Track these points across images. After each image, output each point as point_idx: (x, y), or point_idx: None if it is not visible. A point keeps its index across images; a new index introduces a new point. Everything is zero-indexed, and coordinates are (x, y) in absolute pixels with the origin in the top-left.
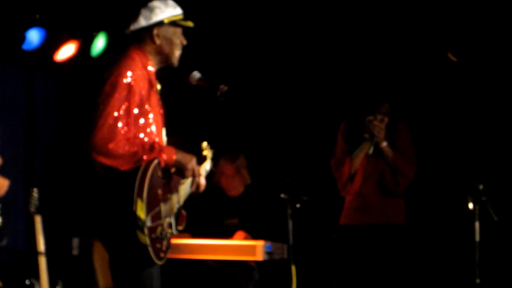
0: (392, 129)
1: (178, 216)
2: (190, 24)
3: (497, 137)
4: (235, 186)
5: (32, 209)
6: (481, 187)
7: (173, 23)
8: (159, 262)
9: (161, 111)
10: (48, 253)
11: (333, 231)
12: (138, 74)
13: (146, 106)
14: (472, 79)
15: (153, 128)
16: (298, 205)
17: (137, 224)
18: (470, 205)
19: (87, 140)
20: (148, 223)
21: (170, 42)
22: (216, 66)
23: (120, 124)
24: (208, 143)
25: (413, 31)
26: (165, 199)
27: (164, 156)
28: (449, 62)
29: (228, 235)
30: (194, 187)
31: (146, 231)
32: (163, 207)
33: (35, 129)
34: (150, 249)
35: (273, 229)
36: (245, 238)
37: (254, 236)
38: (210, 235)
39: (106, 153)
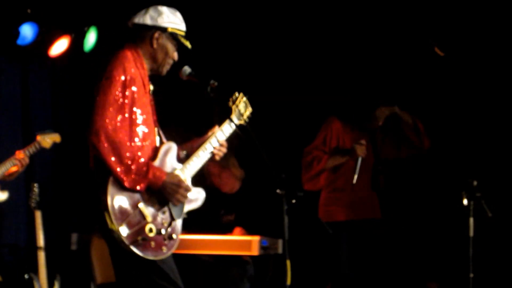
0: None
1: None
2: (187, 43)
3: (491, 134)
4: (226, 182)
5: (33, 204)
6: (475, 183)
7: (174, 35)
8: (161, 257)
9: (154, 111)
10: (47, 248)
11: (328, 226)
12: (133, 72)
13: (139, 104)
14: (464, 75)
15: (144, 128)
16: (293, 201)
17: (114, 237)
18: (465, 201)
19: (87, 129)
20: (124, 231)
21: (165, 52)
22: (210, 62)
23: (117, 117)
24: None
25: (400, 27)
26: (146, 196)
27: (151, 178)
28: (437, 57)
29: (225, 231)
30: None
31: (125, 240)
32: (145, 206)
33: (31, 123)
34: (139, 253)
35: (268, 225)
36: (243, 235)
37: (250, 231)
38: (207, 231)
39: (110, 140)
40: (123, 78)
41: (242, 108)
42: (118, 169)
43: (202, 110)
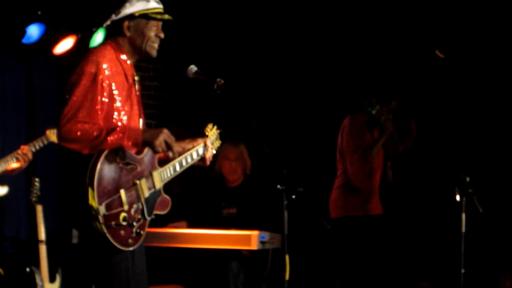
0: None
1: (154, 201)
2: (163, 17)
3: (484, 131)
4: (236, 172)
5: (34, 198)
6: (468, 179)
7: (145, 16)
8: (126, 249)
9: (140, 102)
10: (49, 241)
11: (327, 222)
12: (107, 65)
13: (117, 97)
14: (458, 74)
15: (124, 118)
16: (293, 196)
17: (91, 213)
18: (457, 197)
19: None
20: (102, 211)
21: (142, 35)
22: (214, 59)
23: (82, 112)
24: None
25: (402, 29)
26: (128, 185)
27: (128, 137)
28: (436, 58)
29: (226, 224)
30: (175, 155)
31: (101, 219)
32: (125, 194)
33: (36, 121)
34: (109, 237)
35: (268, 219)
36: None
37: (250, 225)
38: (208, 224)
39: (64, 136)
40: (93, 72)
41: (213, 139)
42: (91, 145)
43: (208, 108)
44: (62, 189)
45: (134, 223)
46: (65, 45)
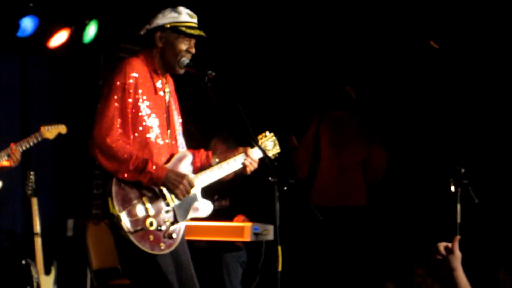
0: None
1: (188, 206)
2: (193, 32)
3: (478, 123)
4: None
5: (29, 191)
6: (462, 170)
7: (174, 29)
8: (158, 252)
9: (171, 113)
10: (44, 234)
11: (319, 213)
12: (136, 76)
13: (143, 108)
14: (453, 66)
15: (151, 130)
16: (285, 188)
17: (114, 221)
18: (452, 188)
19: (89, 136)
20: (124, 218)
21: (173, 47)
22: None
23: (116, 123)
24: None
25: (396, 20)
26: (153, 192)
27: (151, 177)
28: (431, 49)
29: (219, 216)
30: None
31: (123, 226)
32: (148, 200)
33: (30, 115)
34: (135, 242)
35: (261, 211)
36: (244, 221)
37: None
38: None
39: (103, 148)
40: (123, 83)
41: (268, 146)
42: (115, 171)
43: (199, 102)
44: (56, 183)
45: (163, 228)
46: (59, 38)
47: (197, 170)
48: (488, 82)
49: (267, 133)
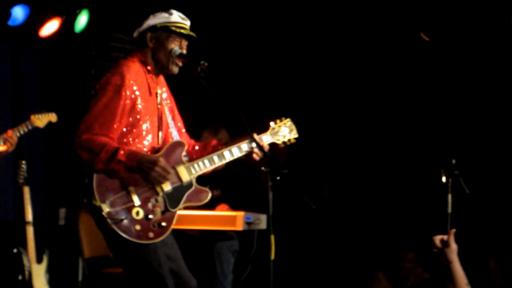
0: None
1: (181, 194)
2: (183, 31)
3: (469, 114)
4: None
5: (21, 180)
6: (453, 161)
7: (165, 29)
8: (146, 242)
9: (163, 114)
10: (36, 223)
11: (312, 202)
12: (132, 77)
13: (138, 109)
14: (444, 58)
15: (143, 132)
16: (278, 178)
17: (97, 212)
18: (443, 179)
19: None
20: (106, 208)
21: (164, 47)
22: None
23: (99, 123)
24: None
25: (386, 12)
26: (140, 182)
27: (125, 165)
28: (421, 41)
29: (210, 206)
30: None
31: (105, 215)
32: (135, 190)
33: (22, 103)
34: (120, 232)
35: (253, 200)
36: (227, 210)
37: (235, 207)
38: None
39: (82, 142)
40: (119, 84)
41: (284, 131)
42: (89, 159)
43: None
44: (48, 171)
45: (151, 216)
46: (50, 27)
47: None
48: (478, 73)
49: (283, 118)
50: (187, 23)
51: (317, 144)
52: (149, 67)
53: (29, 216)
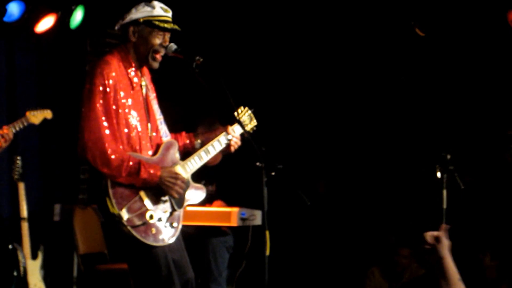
0: None
1: (184, 193)
2: (167, 26)
3: (464, 109)
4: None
5: (16, 176)
6: (448, 157)
7: (148, 23)
8: (162, 244)
9: (149, 105)
10: (31, 219)
11: (306, 198)
12: (113, 74)
13: (123, 104)
14: (438, 52)
15: (134, 127)
16: (273, 173)
17: (115, 220)
18: (438, 174)
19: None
20: (125, 215)
21: (146, 41)
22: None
23: (104, 126)
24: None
25: (381, 7)
26: (147, 187)
27: (144, 182)
28: (416, 36)
29: (205, 201)
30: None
31: (125, 223)
32: (145, 194)
33: (16, 99)
34: (139, 237)
35: (248, 196)
36: (222, 207)
37: (230, 202)
38: None
39: (95, 154)
40: (103, 84)
41: (246, 121)
42: (110, 176)
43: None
44: (43, 167)
45: (163, 218)
46: (46, 23)
47: (181, 154)
48: (473, 68)
49: (242, 107)
50: (170, 14)
51: (313, 140)
52: (130, 61)
53: (24, 212)
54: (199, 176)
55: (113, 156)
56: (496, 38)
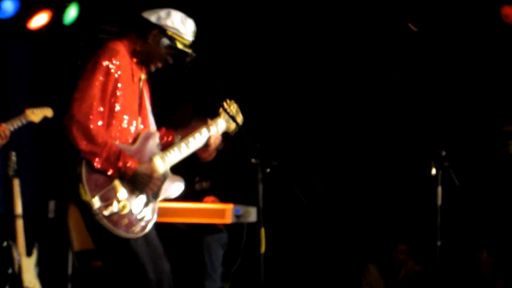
0: None
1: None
2: (185, 49)
3: (459, 106)
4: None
5: (11, 172)
6: (443, 153)
7: (173, 40)
8: (133, 236)
9: (143, 100)
10: (25, 215)
11: (302, 195)
12: (120, 62)
13: (120, 93)
14: (432, 49)
15: (125, 116)
16: (268, 170)
17: (87, 207)
18: (433, 171)
19: (65, 111)
20: (97, 204)
21: (160, 52)
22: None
23: (96, 104)
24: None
25: (374, 2)
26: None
27: (118, 171)
28: (410, 32)
29: (198, 198)
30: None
31: (97, 211)
32: (120, 183)
33: (9, 95)
34: (110, 226)
35: (243, 193)
36: (214, 202)
37: (224, 199)
38: (180, 197)
39: (82, 127)
40: (107, 65)
41: (232, 115)
42: (88, 152)
43: (180, 83)
44: (38, 163)
45: (136, 210)
46: (40, 20)
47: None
48: (468, 64)
49: (228, 100)
50: (193, 38)
51: (310, 138)
52: (137, 54)
53: (19, 209)
54: (193, 172)
55: (99, 134)
56: (490, 34)
